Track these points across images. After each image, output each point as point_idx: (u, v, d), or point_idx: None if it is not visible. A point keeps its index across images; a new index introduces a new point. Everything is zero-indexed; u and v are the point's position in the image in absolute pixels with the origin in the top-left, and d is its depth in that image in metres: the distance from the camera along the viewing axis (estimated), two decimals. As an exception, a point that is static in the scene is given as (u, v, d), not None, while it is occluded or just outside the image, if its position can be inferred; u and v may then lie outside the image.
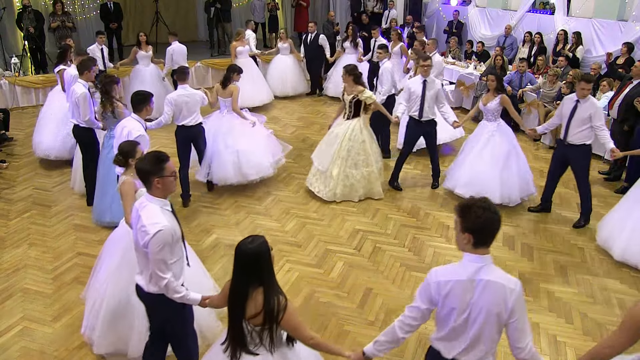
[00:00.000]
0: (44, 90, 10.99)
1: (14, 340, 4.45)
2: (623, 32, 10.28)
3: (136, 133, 5.03)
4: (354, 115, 6.83)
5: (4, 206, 6.80)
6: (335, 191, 6.87)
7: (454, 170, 6.96)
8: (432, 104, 6.97)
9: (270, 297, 2.78)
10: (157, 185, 3.17)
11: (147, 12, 14.12)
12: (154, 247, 3.08)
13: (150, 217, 3.12)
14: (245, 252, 2.78)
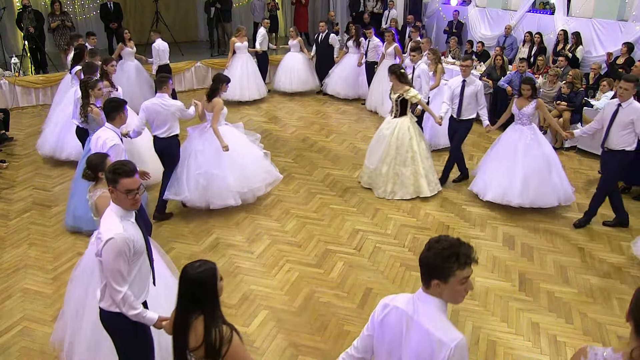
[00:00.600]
0: (44, 91, 11.02)
1: (14, 340, 4.45)
2: (623, 32, 10.27)
3: (110, 143, 4.82)
4: (400, 113, 6.93)
5: (4, 206, 6.80)
6: (386, 188, 7.00)
7: (486, 175, 6.78)
8: (471, 103, 6.99)
9: (211, 327, 2.50)
10: (111, 195, 3.07)
11: (147, 12, 14.11)
12: (106, 255, 2.93)
13: (106, 224, 3.01)
14: (188, 278, 2.54)
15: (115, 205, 3.08)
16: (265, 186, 6.73)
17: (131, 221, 3.10)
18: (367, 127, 9.90)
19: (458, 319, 4.76)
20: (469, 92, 6.95)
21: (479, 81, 7.14)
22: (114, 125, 5.00)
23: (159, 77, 6.31)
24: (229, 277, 5.32)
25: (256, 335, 4.51)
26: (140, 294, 3.16)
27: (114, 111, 4.97)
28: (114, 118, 4.98)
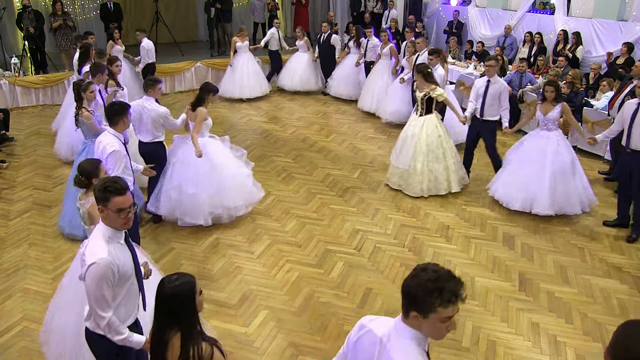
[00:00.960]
0: (44, 91, 11.02)
1: (14, 340, 4.45)
2: (623, 32, 10.27)
3: (110, 148, 4.59)
4: (426, 112, 7.02)
5: (4, 206, 6.80)
6: (422, 187, 7.03)
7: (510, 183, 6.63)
8: (494, 104, 6.92)
9: (189, 345, 2.37)
10: (101, 214, 2.89)
11: (147, 12, 14.11)
12: (89, 280, 2.78)
13: (91, 246, 2.85)
14: (164, 292, 2.42)
15: (103, 225, 2.90)
16: (247, 206, 6.33)
17: (120, 243, 2.93)
18: (367, 127, 9.90)
19: (458, 319, 4.75)
20: (492, 92, 6.88)
21: (503, 82, 7.05)
22: (117, 130, 4.78)
23: (147, 79, 6.14)
24: (229, 277, 5.33)
25: (256, 335, 4.51)
26: (127, 317, 3.02)
27: (116, 115, 4.75)
28: (116, 122, 4.76)
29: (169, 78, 12.05)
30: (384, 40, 10.36)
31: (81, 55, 8.11)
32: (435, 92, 6.85)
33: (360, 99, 10.87)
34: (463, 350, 4.39)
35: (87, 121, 5.77)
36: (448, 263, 5.63)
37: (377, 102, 10.34)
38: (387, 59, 10.41)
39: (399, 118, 9.71)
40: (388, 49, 10.33)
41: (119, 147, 4.64)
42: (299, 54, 11.99)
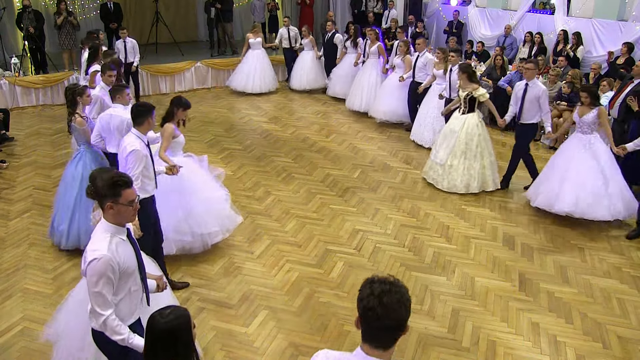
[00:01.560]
0: (44, 91, 11.02)
1: (14, 340, 4.45)
2: (623, 32, 10.27)
3: (130, 148, 4.44)
4: (469, 110, 7.13)
5: (4, 206, 6.80)
6: (455, 182, 7.14)
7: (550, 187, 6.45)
8: (532, 108, 6.84)
9: None
10: (109, 211, 2.88)
11: (147, 12, 14.11)
12: (89, 277, 2.78)
13: (94, 243, 2.84)
14: (158, 328, 2.27)
15: (106, 222, 2.90)
16: (223, 232, 5.70)
17: (122, 239, 2.93)
18: (367, 127, 9.90)
19: (458, 319, 4.77)
20: (530, 96, 6.79)
21: (542, 86, 6.92)
22: (140, 130, 4.59)
23: (114, 85, 5.83)
24: (229, 277, 5.33)
25: (256, 335, 4.51)
26: (129, 315, 3.00)
27: (141, 116, 4.57)
28: (141, 123, 4.58)
29: (168, 78, 12.06)
30: (372, 39, 10.38)
31: (90, 55, 8.05)
32: (478, 92, 7.00)
33: (348, 98, 10.85)
34: (463, 350, 4.39)
35: (80, 127, 5.61)
36: (448, 263, 5.63)
37: (366, 102, 10.34)
38: (375, 57, 10.45)
39: (394, 117, 9.73)
40: (376, 48, 10.35)
41: (139, 146, 4.47)
42: (304, 52, 12.08)
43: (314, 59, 12.01)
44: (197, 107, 11.03)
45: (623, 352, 4.40)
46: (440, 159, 7.25)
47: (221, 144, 8.96)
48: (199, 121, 10.11)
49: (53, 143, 8.96)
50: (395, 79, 9.62)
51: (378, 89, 10.25)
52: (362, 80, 10.51)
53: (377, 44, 10.35)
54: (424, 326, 4.66)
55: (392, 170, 7.97)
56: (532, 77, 6.83)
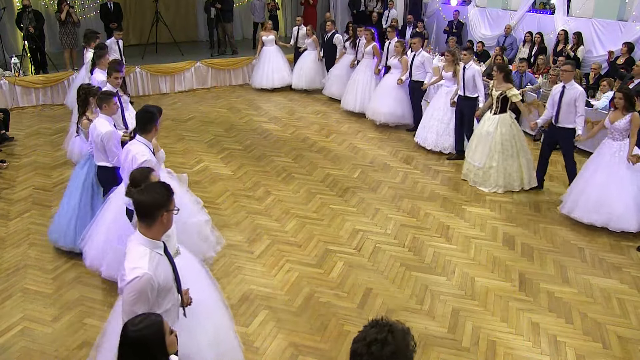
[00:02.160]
0: (44, 90, 11.01)
1: (14, 340, 4.45)
2: (623, 32, 10.27)
3: (141, 158, 4.19)
4: (501, 110, 7.14)
5: (4, 206, 6.80)
6: (497, 183, 7.18)
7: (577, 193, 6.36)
8: (571, 110, 6.62)
9: None
10: (163, 221, 2.80)
11: (147, 12, 14.11)
12: (127, 295, 2.68)
13: (133, 260, 2.74)
14: (128, 337, 2.21)
15: (143, 237, 2.81)
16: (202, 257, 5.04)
17: (160, 253, 2.85)
18: (367, 127, 9.90)
19: (458, 319, 4.77)
20: (567, 99, 6.59)
21: (579, 88, 6.69)
22: (147, 138, 4.32)
23: (100, 93, 5.34)
24: (229, 277, 5.32)
25: (256, 335, 4.51)
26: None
27: (148, 122, 4.27)
28: (148, 130, 4.30)
29: (168, 78, 12.06)
30: (367, 39, 10.29)
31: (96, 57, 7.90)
32: (511, 92, 6.99)
33: (343, 98, 10.80)
34: (463, 350, 4.39)
35: (85, 130, 5.56)
36: (448, 263, 5.63)
37: (360, 102, 10.33)
38: (370, 57, 10.39)
39: (394, 119, 9.67)
40: (371, 48, 10.27)
41: (149, 156, 4.22)
42: (306, 52, 12.09)
43: (315, 59, 12.01)
44: (197, 107, 11.03)
45: (623, 352, 4.40)
46: (478, 162, 7.26)
47: (221, 144, 8.96)
48: (199, 121, 10.11)
49: (53, 143, 8.96)
50: (392, 80, 9.60)
51: (372, 89, 10.22)
52: (357, 81, 10.45)
53: (372, 44, 10.26)
54: (424, 326, 4.66)
55: (392, 170, 7.97)
56: (569, 79, 6.61)
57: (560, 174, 7.87)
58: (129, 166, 4.19)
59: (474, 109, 7.86)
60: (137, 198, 2.80)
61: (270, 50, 12.09)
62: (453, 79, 8.38)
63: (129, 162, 4.25)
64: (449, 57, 8.41)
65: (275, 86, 12.16)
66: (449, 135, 8.42)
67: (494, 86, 7.21)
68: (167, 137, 9.09)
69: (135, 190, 2.91)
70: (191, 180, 6.93)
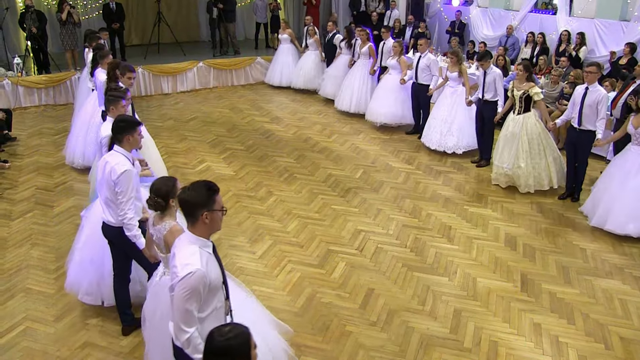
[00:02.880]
0: (47, 91, 11.03)
1: (17, 340, 4.46)
2: (625, 32, 10.26)
3: (121, 168, 3.96)
4: (524, 109, 7.10)
5: (6, 206, 6.81)
6: (527, 182, 7.13)
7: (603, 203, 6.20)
8: (592, 113, 6.51)
9: None
10: (205, 220, 2.77)
11: (149, 12, 14.13)
12: (180, 292, 2.66)
13: (184, 257, 2.72)
14: (215, 346, 2.20)
15: (193, 235, 2.79)
16: None
17: (209, 252, 2.82)
18: (369, 127, 9.89)
19: (460, 320, 4.76)
20: (590, 101, 6.46)
21: (603, 90, 6.59)
22: (124, 148, 4.12)
23: (110, 94, 5.13)
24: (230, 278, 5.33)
25: (258, 336, 4.51)
26: None
27: (122, 132, 4.09)
28: (120, 140, 4.11)
29: (171, 78, 12.06)
30: (363, 39, 10.24)
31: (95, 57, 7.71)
32: (534, 90, 6.97)
33: (337, 98, 10.74)
34: (465, 350, 4.39)
35: None
36: (450, 263, 5.63)
37: (355, 102, 10.30)
38: (366, 58, 10.33)
39: (393, 119, 9.60)
40: (367, 49, 10.20)
41: (129, 166, 4.03)
42: (308, 52, 12.10)
43: (316, 59, 12.00)
44: (199, 107, 11.04)
45: (625, 353, 4.39)
46: (507, 164, 7.19)
47: (223, 144, 8.96)
48: (201, 121, 10.11)
49: (55, 143, 8.97)
50: (391, 81, 9.54)
51: (368, 90, 10.17)
52: (353, 81, 10.38)
53: (368, 44, 10.19)
54: (426, 327, 4.66)
55: (394, 171, 7.96)
56: (593, 81, 6.49)
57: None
58: (108, 178, 4.00)
59: (494, 113, 7.81)
60: (179, 196, 2.83)
61: (286, 48, 12.27)
62: (459, 78, 8.40)
63: (107, 173, 4.02)
64: (453, 59, 8.42)
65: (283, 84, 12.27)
66: (452, 135, 8.40)
67: (515, 86, 7.15)
68: (170, 138, 9.10)
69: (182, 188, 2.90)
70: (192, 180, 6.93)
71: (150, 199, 3.47)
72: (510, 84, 7.34)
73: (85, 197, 7.00)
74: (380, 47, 10.17)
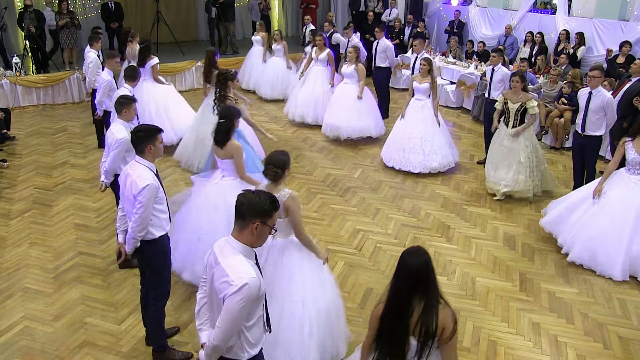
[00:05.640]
0: (45, 90, 11.02)
1: (15, 339, 4.45)
2: (624, 31, 10.26)
3: (142, 183, 3.74)
4: (520, 123, 6.79)
5: (5, 205, 6.80)
6: (530, 189, 6.88)
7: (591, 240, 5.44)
8: (597, 118, 6.30)
9: (432, 311, 2.71)
10: (254, 230, 2.71)
11: (148, 12, 14.14)
12: (237, 303, 2.58)
13: (236, 265, 2.64)
14: (406, 266, 2.72)
15: (242, 245, 2.72)
16: None
17: (253, 262, 2.76)
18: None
19: (459, 319, 4.74)
20: (595, 106, 6.23)
21: (607, 94, 6.35)
22: (147, 159, 3.89)
23: (120, 98, 5.21)
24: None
25: (257, 335, 4.50)
26: (258, 342, 2.85)
27: (141, 142, 3.86)
28: (142, 151, 3.88)
29: (169, 77, 12.04)
30: (319, 45, 9.53)
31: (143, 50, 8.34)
32: (531, 104, 6.68)
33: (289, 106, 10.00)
34: (464, 350, 4.39)
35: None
36: (449, 263, 5.63)
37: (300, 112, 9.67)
38: (324, 64, 9.63)
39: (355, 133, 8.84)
40: (326, 55, 9.53)
41: (152, 180, 3.81)
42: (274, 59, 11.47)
43: (281, 67, 11.31)
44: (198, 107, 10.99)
45: (624, 353, 4.40)
46: (506, 181, 6.86)
47: (222, 144, 8.93)
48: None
49: (54, 142, 8.97)
50: (348, 91, 8.68)
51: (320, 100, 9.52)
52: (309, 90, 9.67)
53: (327, 50, 9.57)
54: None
55: (393, 170, 7.95)
56: (596, 86, 6.26)
57: (562, 173, 7.88)
58: (129, 193, 3.83)
59: None
60: (241, 197, 2.74)
61: (255, 51, 11.75)
62: (429, 90, 7.57)
63: (128, 187, 3.85)
64: (424, 66, 7.53)
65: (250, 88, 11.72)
66: (435, 153, 7.61)
67: (509, 98, 6.79)
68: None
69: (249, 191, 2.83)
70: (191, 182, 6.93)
71: (269, 170, 3.79)
72: (500, 96, 7.00)
73: (84, 197, 7.01)
74: (373, 47, 10.01)
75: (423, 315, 2.69)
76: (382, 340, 2.80)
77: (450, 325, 2.75)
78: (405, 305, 2.70)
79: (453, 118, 10.61)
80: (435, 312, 2.71)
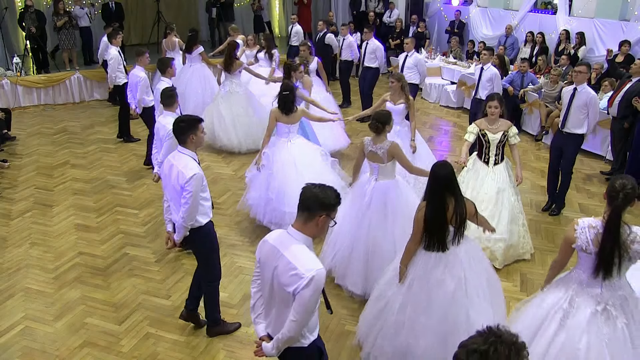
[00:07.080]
0: (46, 90, 11.03)
1: (16, 339, 4.46)
2: (625, 31, 10.25)
3: (189, 172, 3.78)
4: (502, 157, 5.54)
5: (6, 205, 6.81)
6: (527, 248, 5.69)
7: None
8: (579, 116, 6.08)
9: (461, 204, 3.64)
10: (318, 223, 2.75)
11: (149, 12, 14.14)
12: (310, 296, 2.66)
13: (304, 258, 2.68)
14: (440, 175, 3.61)
15: (302, 235, 2.76)
16: None
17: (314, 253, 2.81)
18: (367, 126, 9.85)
19: (459, 319, 4.75)
20: (578, 103, 6.04)
21: (592, 92, 6.11)
22: (188, 148, 3.93)
23: (164, 90, 5.38)
24: (231, 276, 5.32)
25: (257, 335, 4.50)
26: (314, 326, 3.08)
27: (181, 134, 3.91)
28: (184, 141, 3.92)
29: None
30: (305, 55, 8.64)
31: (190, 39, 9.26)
32: (512, 131, 5.43)
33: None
34: (464, 350, 4.38)
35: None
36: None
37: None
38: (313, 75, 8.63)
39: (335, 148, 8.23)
40: (315, 65, 8.78)
41: (198, 170, 3.86)
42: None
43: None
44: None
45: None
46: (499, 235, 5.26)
47: (222, 144, 8.94)
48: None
49: (54, 143, 8.98)
50: None
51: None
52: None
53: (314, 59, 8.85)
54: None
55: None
56: (582, 82, 6.06)
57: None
58: (175, 182, 3.87)
59: None
60: (307, 190, 2.77)
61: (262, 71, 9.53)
62: (404, 111, 6.50)
63: (174, 178, 3.88)
64: (394, 84, 6.41)
65: None
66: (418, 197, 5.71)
67: (486, 128, 5.43)
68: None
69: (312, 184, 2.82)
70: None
71: (373, 124, 4.79)
72: (472, 127, 5.54)
73: (84, 197, 7.01)
74: (363, 48, 9.88)
75: (457, 207, 3.59)
76: (430, 231, 3.65)
77: (473, 210, 3.75)
78: (444, 202, 3.58)
79: (453, 118, 10.61)
80: (463, 204, 3.64)
